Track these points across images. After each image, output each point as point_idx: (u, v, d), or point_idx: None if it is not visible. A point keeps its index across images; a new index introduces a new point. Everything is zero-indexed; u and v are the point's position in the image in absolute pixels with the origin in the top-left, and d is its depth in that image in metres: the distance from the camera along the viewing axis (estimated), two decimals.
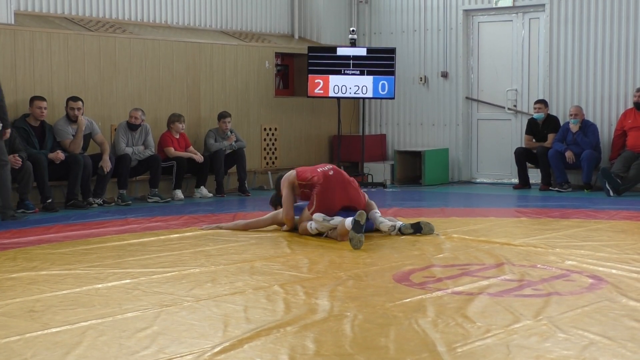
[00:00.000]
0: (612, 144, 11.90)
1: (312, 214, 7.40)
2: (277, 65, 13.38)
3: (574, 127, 11.86)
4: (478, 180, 13.47)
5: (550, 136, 12.12)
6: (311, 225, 7.40)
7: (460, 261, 6.18)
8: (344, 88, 12.50)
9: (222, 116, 11.81)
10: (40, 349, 3.96)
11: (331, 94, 12.54)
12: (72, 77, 10.81)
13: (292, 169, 7.87)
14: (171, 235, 7.65)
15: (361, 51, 12.63)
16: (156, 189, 10.99)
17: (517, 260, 6.17)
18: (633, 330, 4.21)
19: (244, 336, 4.10)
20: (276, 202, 8.04)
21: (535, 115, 12.26)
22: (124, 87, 11.35)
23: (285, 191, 7.63)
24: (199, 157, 11.33)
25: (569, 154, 11.74)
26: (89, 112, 10.74)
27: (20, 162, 9.49)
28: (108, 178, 10.51)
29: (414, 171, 13.31)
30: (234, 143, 11.77)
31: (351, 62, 12.39)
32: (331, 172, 7.57)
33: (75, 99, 10.35)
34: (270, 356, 3.80)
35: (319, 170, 7.62)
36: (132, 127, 10.93)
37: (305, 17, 14.06)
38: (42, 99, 10.10)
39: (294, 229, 7.66)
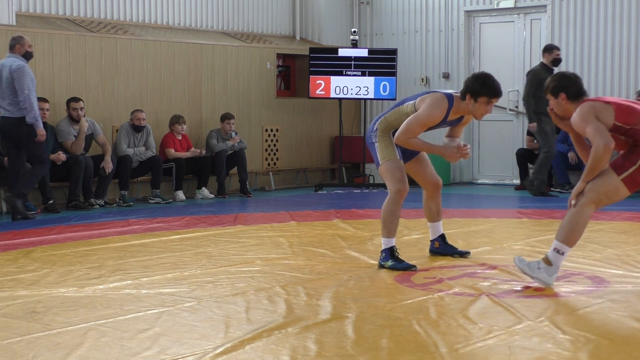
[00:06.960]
0: None
1: (627, 180, 5.15)
2: (278, 66, 13.37)
3: None
4: (479, 181, 13.46)
5: None
6: None
7: (461, 262, 6.18)
8: (345, 89, 12.49)
9: (226, 117, 11.80)
10: (42, 350, 3.96)
11: (333, 95, 12.53)
12: (73, 78, 10.81)
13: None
14: (172, 237, 7.66)
15: (363, 52, 12.63)
16: (158, 190, 10.98)
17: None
18: (634, 331, 4.21)
19: (245, 337, 4.10)
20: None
21: None
22: (126, 88, 11.34)
23: (594, 123, 4.99)
24: (199, 152, 11.35)
25: (571, 155, 11.73)
26: (91, 113, 10.74)
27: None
28: (109, 179, 10.51)
29: None
30: (237, 144, 11.77)
31: (352, 63, 12.38)
32: None
33: (76, 99, 10.35)
34: (271, 357, 3.80)
35: None
36: (136, 128, 10.92)
37: (306, 18, 14.06)
38: (43, 100, 10.09)
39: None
